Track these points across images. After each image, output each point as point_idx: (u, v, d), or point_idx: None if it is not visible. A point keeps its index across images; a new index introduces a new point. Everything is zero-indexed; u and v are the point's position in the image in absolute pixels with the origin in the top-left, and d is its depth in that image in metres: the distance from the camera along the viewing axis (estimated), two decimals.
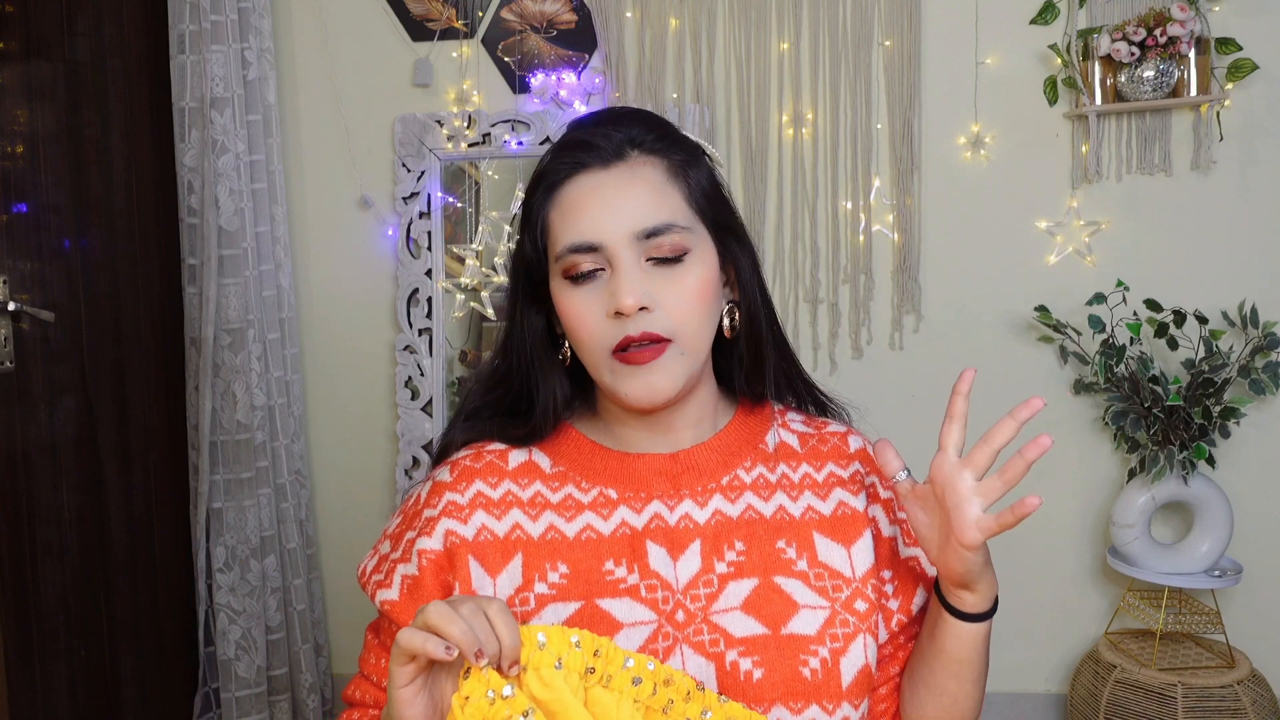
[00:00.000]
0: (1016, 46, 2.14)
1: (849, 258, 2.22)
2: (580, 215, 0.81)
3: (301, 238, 2.39)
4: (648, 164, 0.83)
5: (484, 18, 2.30)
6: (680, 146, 0.86)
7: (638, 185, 0.81)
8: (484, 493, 0.86)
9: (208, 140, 2.08)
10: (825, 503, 0.88)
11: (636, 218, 0.80)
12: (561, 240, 0.82)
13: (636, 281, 0.79)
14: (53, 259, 1.89)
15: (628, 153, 0.82)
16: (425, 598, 0.83)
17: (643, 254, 0.80)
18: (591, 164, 0.82)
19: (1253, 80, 2.04)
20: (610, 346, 0.81)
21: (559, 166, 0.83)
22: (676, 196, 0.83)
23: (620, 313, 0.79)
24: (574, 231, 0.81)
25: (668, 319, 0.81)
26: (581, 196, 0.82)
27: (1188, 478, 1.97)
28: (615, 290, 0.79)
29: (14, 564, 1.78)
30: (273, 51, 2.23)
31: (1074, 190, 2.14)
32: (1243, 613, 2.13)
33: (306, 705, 2.24)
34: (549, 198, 0.84)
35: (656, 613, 0.81)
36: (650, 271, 0.81)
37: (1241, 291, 2.06)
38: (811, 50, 2.19)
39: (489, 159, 2.29)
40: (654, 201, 0.81)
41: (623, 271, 0.79)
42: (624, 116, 0.86)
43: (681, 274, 0.81)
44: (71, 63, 1.94)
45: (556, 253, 0.82)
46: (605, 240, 0.80)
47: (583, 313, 0.82)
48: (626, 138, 0.83)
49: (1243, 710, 1.87)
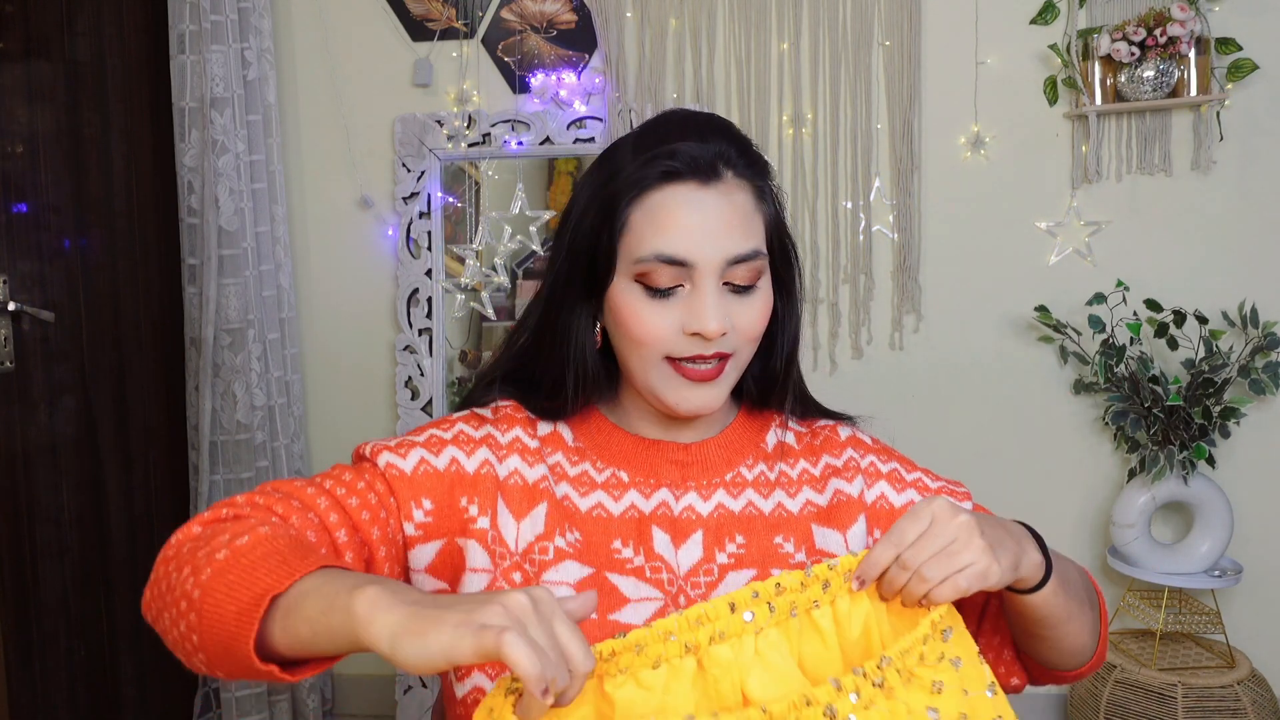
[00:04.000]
0: (1016, 46, 2.14)
1: (849, 258, 2.22)
2: (673, 228, 0.81)
3: (301, 238, 2.39)
4: (739, 189, 0.83)
5: (484, 18, 2.30)
6: (761, 169, 0.87)
7: (734, 212, 0.82)
8: (521, 439, 0.87)
9: (208, 140, 2.08)
10: (822, 495, 0.90)
11: (731, 244, 0.81)
12: (648, 246, 0.81)
13: (721, 307, 0.81)
14: (53, 259, 1.89)
15: (722, 171, 0.83)
16: (436, 493, 0.82)
17: (723, 278, 0.82)
18: (687, 177, 0.82)
19: (1253, 80, 2.04)
20: (673, 356, 0.83)
21: (651, 171, 0.82)
22: (760, 225, 0.85)
23: (700, 334, 0.81)
24: (665, 243, 0.81)
25: (736, 340, 0.84)
26: (676, 208, 0.81)
27: (1188, 478, 1.97)
28: (699, 313, 0.80)
29: (14, 564, 1.78)
30: (273, 51, 2.23)
31: (1074, 190, 2.14)
32: (1243, 613, 2.13)
33: (306, 705, 2.24)
34: (638, 199, 0.82)
35: (663, 592, 0.83)
36: (727, 295, 0.83)
37: (1241, 291, 2.06)
38: (811, 50, 2.19)
39: (489, 159, 2.29)
40: (745, 229, 0.82)
41: (709, 295, 0.81)
42: (716, 126, 0.86)
43: (753, 300, 0.84)
44: (71, 63, 1.94)
45: (638, 256, 0.82)
46: (698, 261, 0.80)
47: (652, 321, 0.82)
48: (718, 153, 0.83)
49: (1243, 710, 1.87)
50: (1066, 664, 0.86)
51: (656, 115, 0.90)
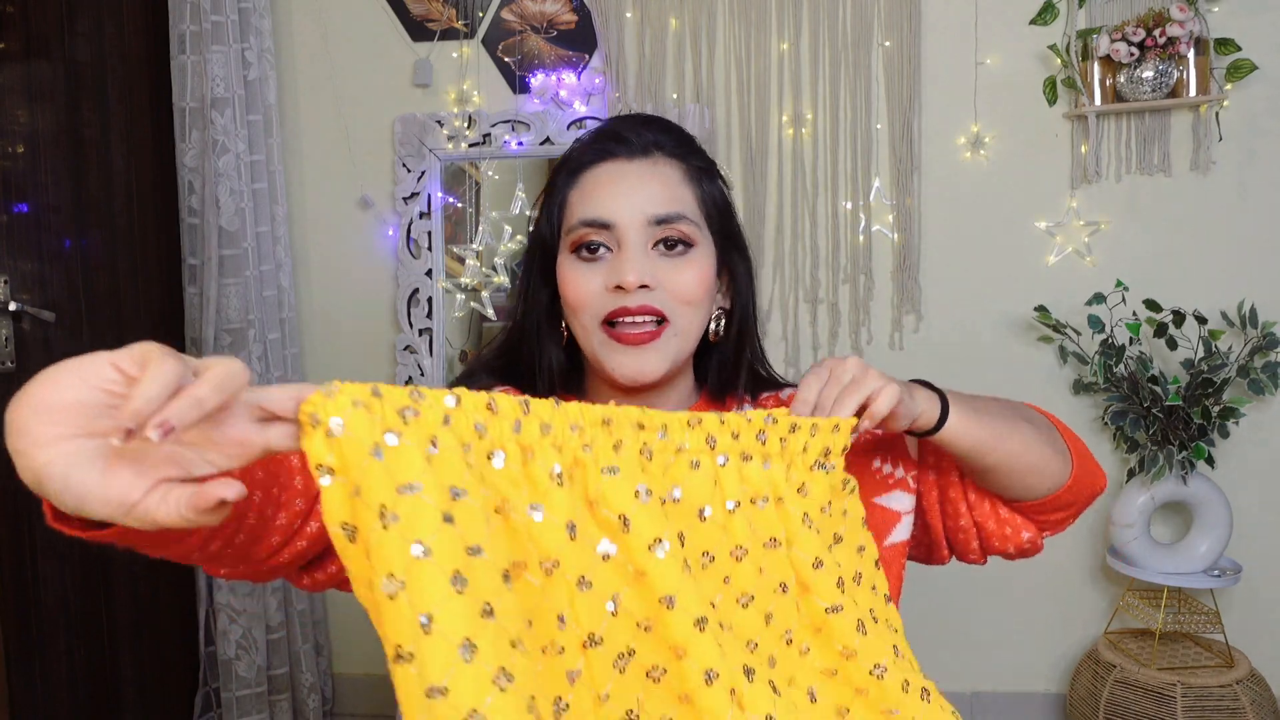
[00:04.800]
0: (1016, 47, 2.14)
1: (849, 258, 2.22)
2: (598, 195, 0.87)
3: (302, 238, 2.39)
4: (668, 164, 0.90)
5: (484, 18, 2.30)
6: (699, 157, 0.92)
7: (656, 179, 0.88)
8: None
9: (208, 140, 2.08)
10: None
11: (650, 204, 0.86)
12: (576, 215, 0.88)
13: (641, 261, 0.85)
14: (53, 259, 1.89)
15: (652, 152, 0.89)
16: None
17: (650, 239, 0.86)
18: (618, 154, 0.89)
19: (1252, 80, 2.04)
20: (602, 316, 0.86)
21: (587, 152, 0.90)
22: (689, 196, 0.89)
23: (621, 287, 0.84)
24: (589, 208, 0.87)
25: (668, 300, 0.86)
26: (604, 179, 0.88)
27: (1187, 477, 1.97)
28: (619, 266, 0.85)
29: (14, 564, 1.78)
30: (273, 52, 2.23)
31: (1073, 190, 2.15)
32: (1242, 612, 2.13)
33: (307, 705, 2.24)
34: (573, 179, 0.90)
35: None
36: (655, 257, 0.86)
37: (1241, 291, 2.06)
38: (811, 50, 2.19)
39: (489, 159, 2.29)
40: (668, 194, 0.87)
41: (629, 250, 0.85)
42: (654, 122, 0.93)
43: (684, 264, 0.87)
44: (72, 63, 1.94)
45: (569, 226, 0.88)
46: (618, 219, 0.85)
47: (581, 283, 0.86)
48: (654, 140, 0.90)
49: (1242, 710, 1.87)
50: (1041, 488, 0.88)
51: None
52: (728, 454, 0.70)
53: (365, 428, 0.49)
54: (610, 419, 0.63)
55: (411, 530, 0.48)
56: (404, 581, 0.47)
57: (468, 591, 0.48)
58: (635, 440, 0.64)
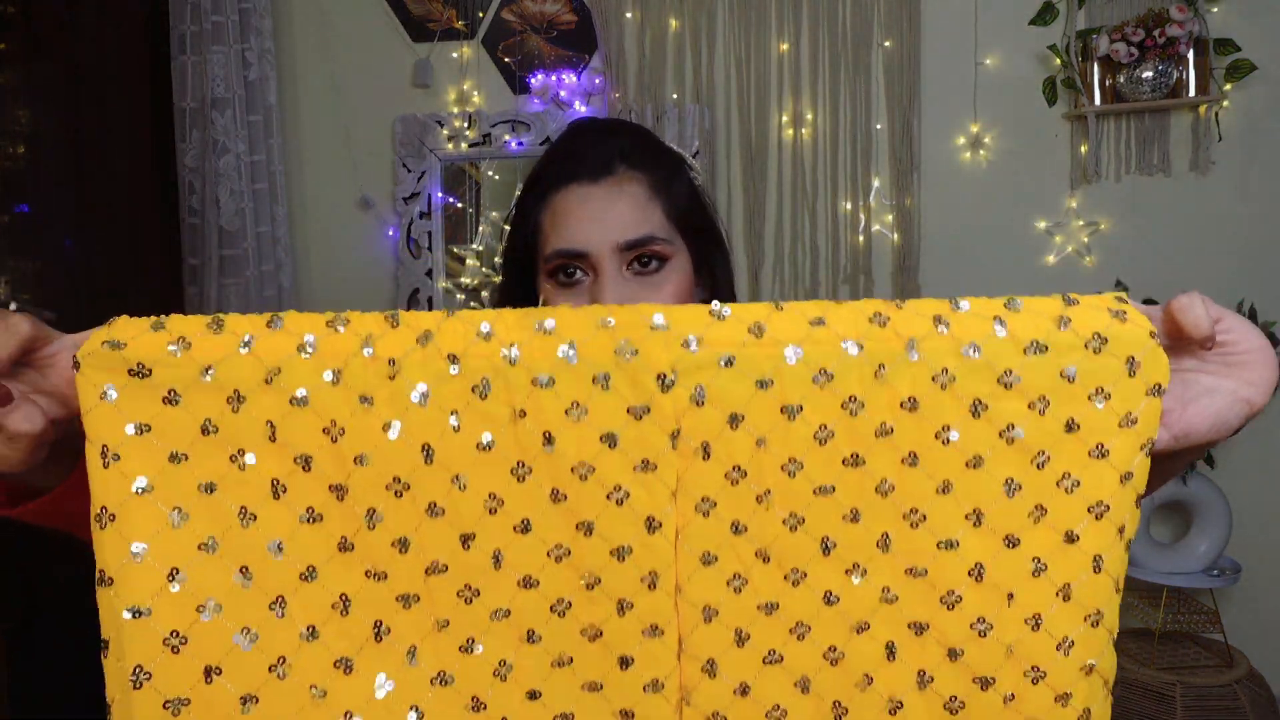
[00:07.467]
0: (1016, 47, 2.14)
1: (849, 258, 2.22)
2: (569, 223, 0.88)
3: (302, 238, 2.40)
4: (632, 180, 0.90)
5: (484, 18, 2.31)
6: (662, 161, 0.93)
7: (623, 201, 0.89)
8: None
9: (208, 141, 2.09)
10: None
11: (620, 229, 0.87)
12: (551, 244, 0.89)
13: (617, 287, 0.87)
14: (53, 259, 1.89)
15: (615, 167, 0.90)
16: None
17: (624, 262, 0.88)
18: (581, 175, 0.89)
19: (1251, 81, 2.04)
20: None
21: (551, 174, 0.92)
22: (657, 212, 0.90)
23: None
24: (563, 238, 0.88)
25: None
26: (573, 205, 0.89)
27: (1186, 477, 1.97)
28: (597, 295, 0.87)
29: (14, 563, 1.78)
30: (273, 52, 2.23)
31: (1073, 190, 2.15)
32: (1241, 612, 2.13)
33: None
34: (541, 202, 0.92)
35: None
36: (630, 279, 0.88)
37: (1241, 291, 2.06)
38: (811, 50, 2.19)
39: (489, 159, 2.29)
40: (637, 217, 0.88)
41: (604, 279, 0.87)
42: (612, 129, 0.94)
43: (660, 281, 0.89)
44: (72, 63, 1.94)
45: (546, 254, 0.90)
46: (591, 249, 0.87)
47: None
48: (616, 151, 0.90)
49: (1241, 709, 1.87)
50: None
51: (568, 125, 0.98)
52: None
53: (113, 361, 0.52)
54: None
55: (134, 470, 0.53)
56: (115, 515, 0.54)
57: (186, 527, 0.54)
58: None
